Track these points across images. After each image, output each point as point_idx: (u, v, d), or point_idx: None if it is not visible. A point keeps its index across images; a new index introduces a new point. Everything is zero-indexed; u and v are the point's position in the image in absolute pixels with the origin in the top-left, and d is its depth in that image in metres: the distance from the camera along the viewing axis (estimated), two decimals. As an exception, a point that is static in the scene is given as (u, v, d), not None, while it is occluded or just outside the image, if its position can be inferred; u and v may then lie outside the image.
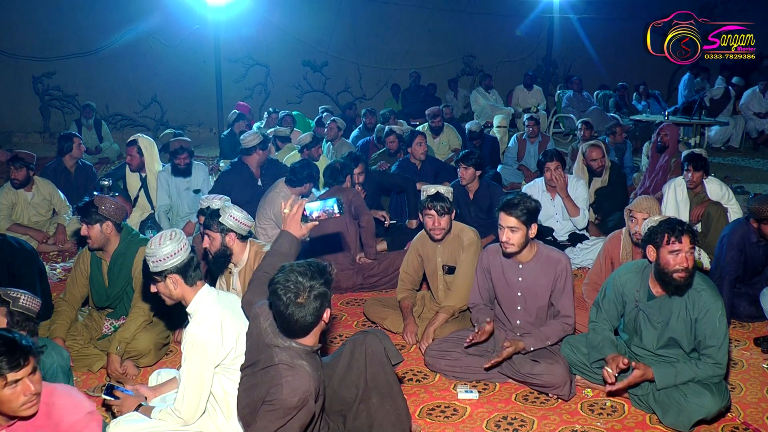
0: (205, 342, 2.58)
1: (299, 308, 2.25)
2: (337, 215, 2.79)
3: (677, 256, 2.90)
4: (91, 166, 6.74)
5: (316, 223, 2.80)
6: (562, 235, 5.27)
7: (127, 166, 6.03)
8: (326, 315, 2.35)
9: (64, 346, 3.48)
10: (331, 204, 2.75)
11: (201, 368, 2.59)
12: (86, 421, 2.26)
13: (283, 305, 2.26)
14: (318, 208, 2.76)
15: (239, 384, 2.53)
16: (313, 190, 5.25)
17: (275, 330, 2.38)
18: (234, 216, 3.35)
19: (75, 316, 3.82)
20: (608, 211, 5.69)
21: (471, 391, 3.34)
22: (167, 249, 2.63)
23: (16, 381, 2.08)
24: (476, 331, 3.36)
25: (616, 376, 3.01)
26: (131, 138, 6.06)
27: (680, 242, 2.90)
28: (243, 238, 3.42)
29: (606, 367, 3.03)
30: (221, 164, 7.80)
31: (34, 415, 2.17)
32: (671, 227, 2.93)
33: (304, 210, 2.75)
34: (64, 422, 2.23)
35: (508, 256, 3.39)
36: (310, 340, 2.38)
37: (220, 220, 3.35)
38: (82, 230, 3.65)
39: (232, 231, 3.36)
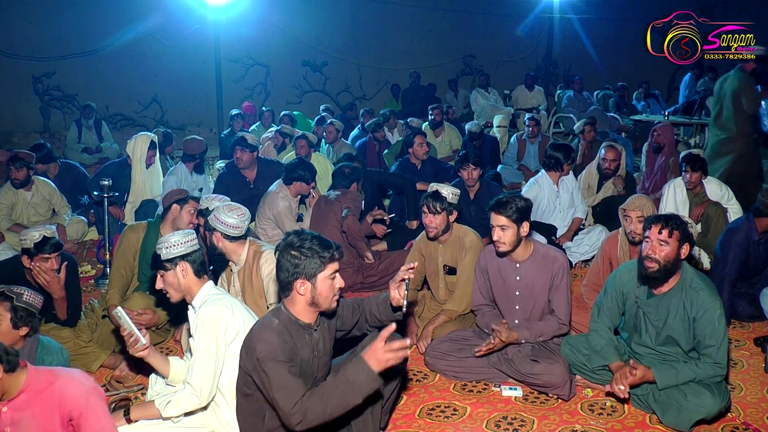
0: (217, 317, 2.65)
1: (281, 256, 2.43)
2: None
3: (646, 243, 3.02)
4: (77, 166, 6.75)
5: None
6: (563, 228, 5.34)
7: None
8: (300, 285, 2.40)
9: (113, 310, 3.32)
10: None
11: (215, 343, 2.63)
12: (87, 396, 2.36)
13: (278, 248, 2.47)
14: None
15: None
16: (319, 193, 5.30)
17: None
18: (219, 218, 3.30)
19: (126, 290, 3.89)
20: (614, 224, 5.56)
21: (515, 389, 3.35)
22: (177, 237, 2.74)
23: None
24: (491, 340, 3.33)
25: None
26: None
27: (649, 229, 3.02)
28: (232, 239, 3.35)
29: (617, 386, 3.01)
30: (219, 164, 7.79)
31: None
32: (651, 216, 3.10)
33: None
34: (68, 398, 2.33)
35: (501, 255, 3.41)
36: (295, 307, 2.46)
37: (207, 219, 3.42)
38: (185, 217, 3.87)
39: (217, 231, 3.34)
